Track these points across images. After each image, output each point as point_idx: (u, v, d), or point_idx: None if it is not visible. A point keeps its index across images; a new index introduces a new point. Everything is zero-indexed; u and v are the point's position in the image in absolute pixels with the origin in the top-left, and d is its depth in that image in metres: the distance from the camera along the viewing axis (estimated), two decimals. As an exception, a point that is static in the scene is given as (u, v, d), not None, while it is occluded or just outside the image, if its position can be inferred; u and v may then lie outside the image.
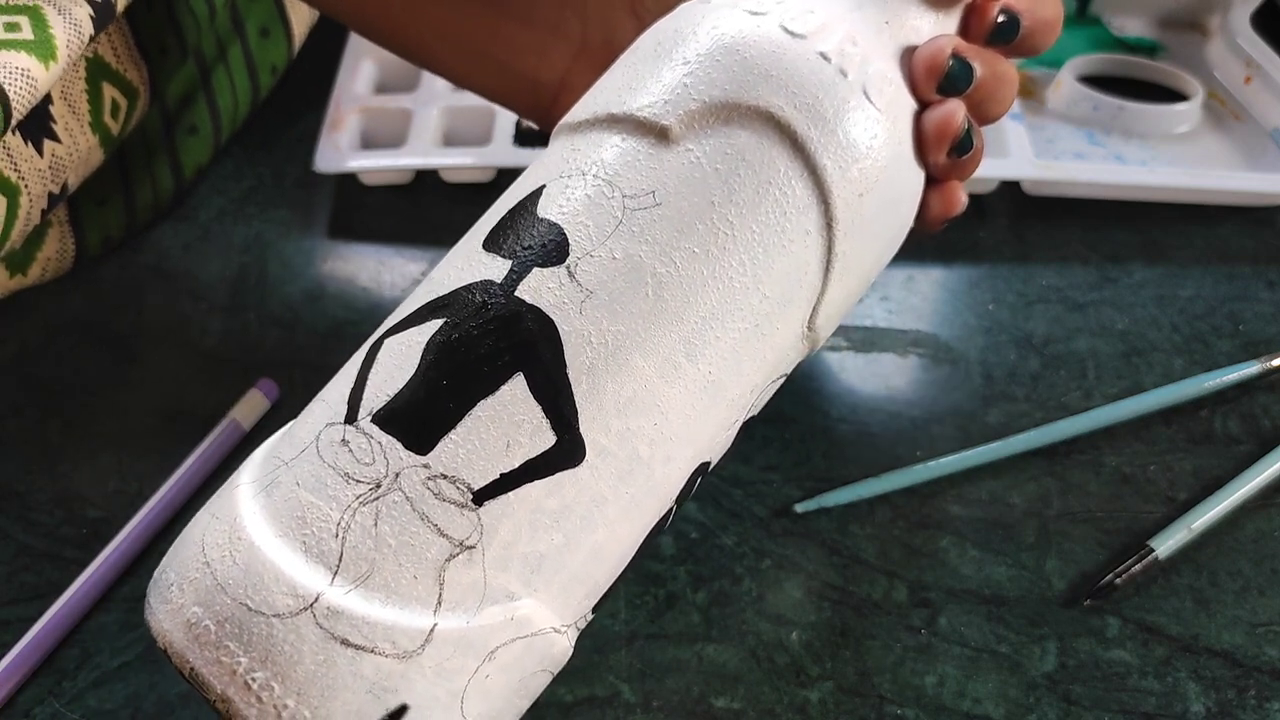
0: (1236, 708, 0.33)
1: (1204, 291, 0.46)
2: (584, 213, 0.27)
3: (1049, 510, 0.38)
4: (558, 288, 0.26)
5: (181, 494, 0.39)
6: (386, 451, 0.25)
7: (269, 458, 0.27)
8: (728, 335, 0.27)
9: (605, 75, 0.31)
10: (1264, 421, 0.41)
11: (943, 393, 0.42)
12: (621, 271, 0.26)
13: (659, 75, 0.28)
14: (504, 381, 0.26)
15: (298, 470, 0.26)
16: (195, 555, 0.25)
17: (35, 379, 0.44)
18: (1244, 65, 0.55)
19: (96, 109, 0.43)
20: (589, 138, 0.28)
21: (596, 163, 0.28)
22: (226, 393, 0.42)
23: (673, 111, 0.27)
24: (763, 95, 0.27)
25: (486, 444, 0.25)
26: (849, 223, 0.28)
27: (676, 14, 0.30)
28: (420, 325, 0.27)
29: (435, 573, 0.24)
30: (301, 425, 0.27)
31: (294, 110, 0.55)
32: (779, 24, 0.28)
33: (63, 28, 0.35)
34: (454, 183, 0.52)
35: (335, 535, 0.24)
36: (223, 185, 0.53)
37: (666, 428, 0.27)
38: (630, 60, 0.30)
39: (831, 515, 0.38)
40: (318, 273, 0.49)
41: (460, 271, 0.28)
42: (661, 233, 0.26)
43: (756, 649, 0.35)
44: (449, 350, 0.26)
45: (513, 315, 0.26)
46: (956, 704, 0.33)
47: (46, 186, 0.41)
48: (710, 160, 0.27)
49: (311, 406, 0.28)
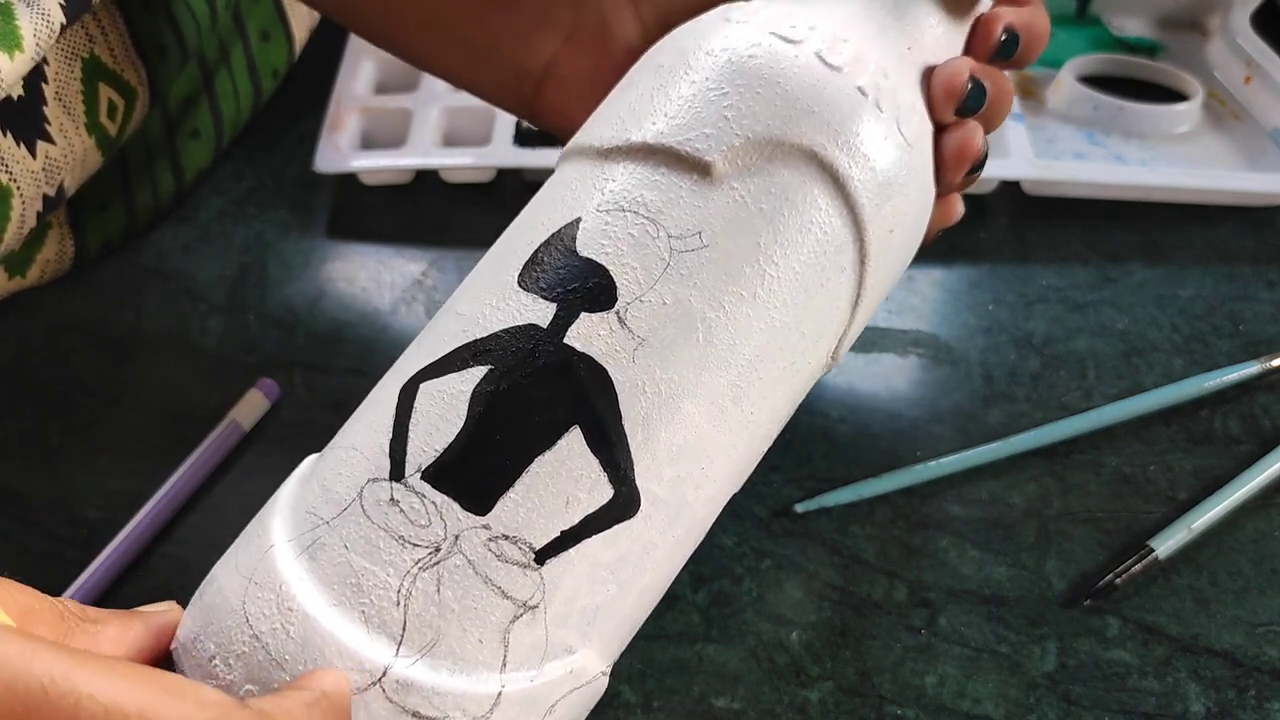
0: (1236, 708, 0.33)
1: (1204, 291, 0.46)
2: (630, 254, 0.26)
3: (1049, 510, 0.38)
4: (608, 335, 0.25)
5: (181, 494, 0.39)
6: (443, 512, 0.24)
7: (302, 513, 0.26)
8: (769, 375, 0.27)
9: (625, 88, 0.30)
10: (1264, 421, 0.41)
11: (943, 393, 0.42)
12: (672, 317, 0.26)
13: (694, 102, 0.27)
14: (560, 435, 0.25)
15: (344, 531, 0.25)
16: (238, 626, 0.24)
17: (35, 380, 0.44)
18: (1244, 65, 0.55)
19: (92, 110, 0.43)
20: (624, 168, 0.27)
21: (637, 199, 0.27)
22: (226, 393, 0.42)
23: (716, 147, 0.26)
24: (806, 133, 0.27)
25: (546, 501, 0.24)
26: (879, 258, 0.28)
27: (701, 30, 0.29)
28: (462, 372, 0.26)
29: (500, 636, 0.24)
30: (334, 477, 0.26)
31: (294, 111, 0.55)
32: (815, 53, 0.27)
33: (29, 18, 0.35)
34: (454, 183, 0.52)
35: (397, 603, 0.24)
36: (223, 186, 0.53)
37: (712, 470, 0.27)
38: (655, 77, 0.29)
39: (831, 515, 0.38)
40: (318, 273, 0.49)
41: (498, 311, 0.26)
42: (710, 276, 0.26)
43: (756, 649, 0.35)
44: (499, 401, 0.25)
45: (564, 365, 0.25)
46: (956, 704, 0.33)
47: (40, 188, 0.41)
48: (755, 199, 0.26)
49: (340, 455, 0.26)
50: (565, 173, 0.29)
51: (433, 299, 0.47)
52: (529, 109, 0.38)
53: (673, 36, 0.30)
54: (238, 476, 0.41)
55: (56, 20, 0.36)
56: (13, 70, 0.35)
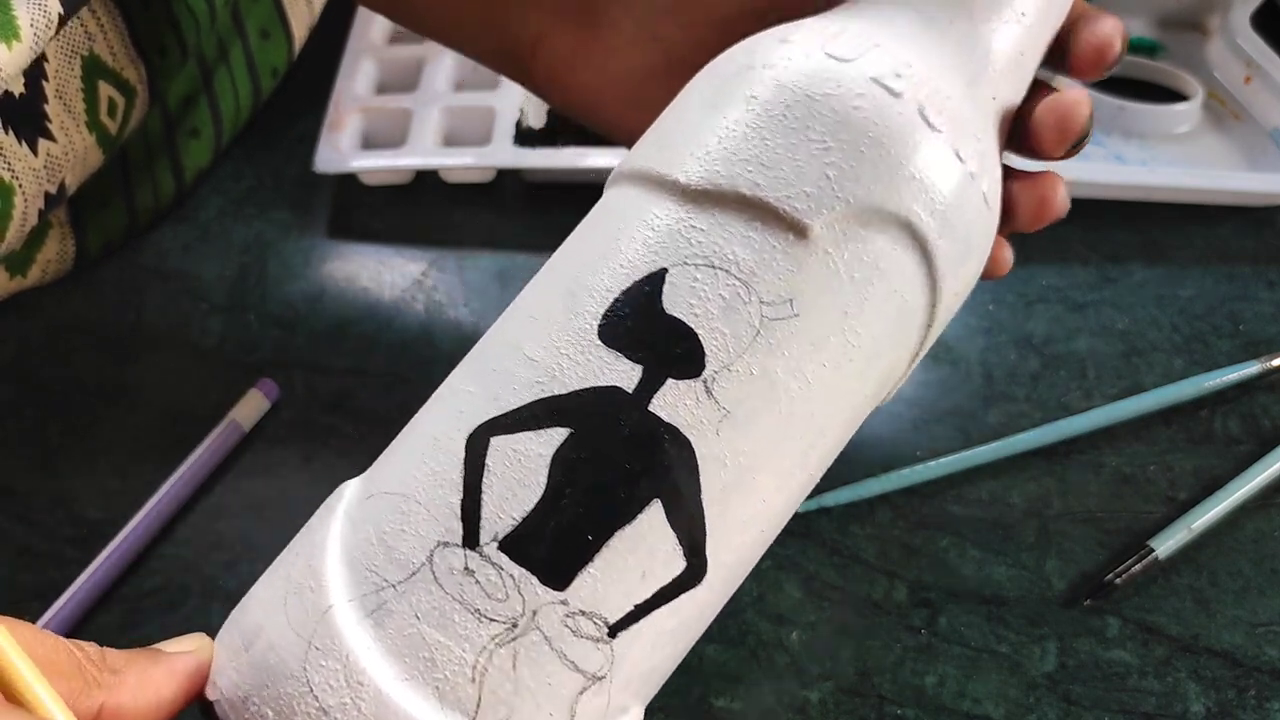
0: (1236, 708, 0.33)
1: (1204, 291, 0.46)
2: (720, 318, 0.25)
3: (1049, 510, 0.38)
4: (695, 405, 0.25)
5: (181, 494, 0.39)
6: (521, 586, 0.24)
7: (361, 570, 0.24)
8: (834, 438, 0.27)
9: (708, 109, 0.27)
10: (1264, 421, 0.41)
11: (943, 393, 0.42)
12: (758, 390, 0.25)
13: (794, 152, 0.25)
14: (642, 509, 0.24)
15: (414, 599, 0.24)
16: (302, 695, 0.23)
17: (35, 380, 0.44)
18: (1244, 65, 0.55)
19: (93, 107, 0.43)
20: (714, 217, 0.25)
21: (729, 255, 0.25)
22: (226, 393, 0.42)
23: (817, 209, 0.25)
24: (905, 201, 0.25)
25: (623, 576, 0.24)
26: (943, 318, 0.28)
27: (796, 62, 0.26)
28: (539, 432, 0.24)
29: (569, 707, 0.24)
30: (397, 534, 0.24)
31: (294, 110, 0.55)
32: (918, 109, 0.26)
33: (26, 8, 0.35)
34: (454, 183, 0.52)
35: (472, 679, 0.23)
36: (223, 185, 0.53)
37: (769, 531, 0.27)
38: (745, 108, 0.26)
39: (831, 515, 0.38)
40: (318, 273, 0.49)
41: (577, 366, 0.25)
42: (797, 347, 0.25)
43: (756, 649, 0.35)
44: (581, 471, 0.24)
45: (650, 436, 0.24)
46: (956, 704, 0.33)
47: (42, 186, 0.41)
48: (848, 267, 0.25)
49: (399, 506, 0.25)
50: (639, 201, 0.27)
51: (432, 299, 0.47)
52: (526, 78, 0.37)
53: (760, 57, 0.27)
54: (238, 476, 0.41)
55: (54, 10, 0.36)
56: (11, 61, 0.35)
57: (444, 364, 0.28)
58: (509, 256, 0.49)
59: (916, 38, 0.27)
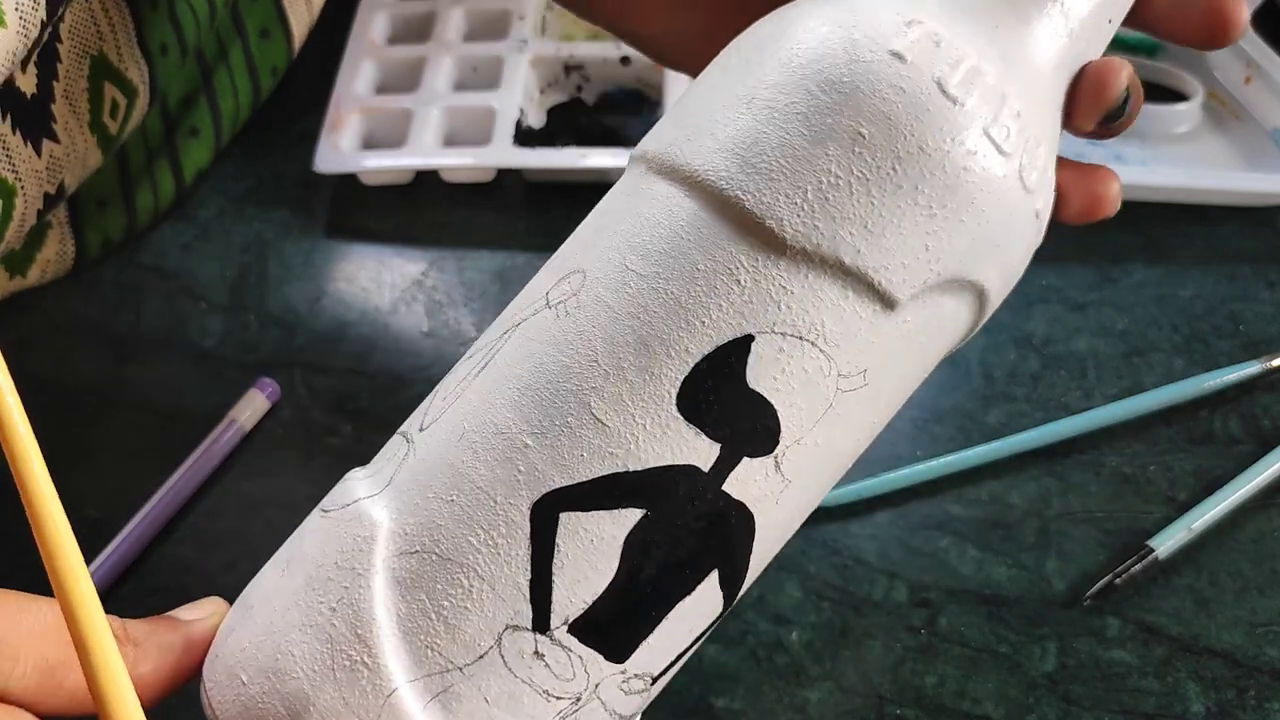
0: (1236, 708, 0.33)
1: (1204, 291, 0.46)
2: (799, 392, 0.24)
3: (1049, 510, 0.38)
4: (764, 480, 0.24)
5: (181, 494, 0.39)
6: (587, 665, 0.23)
7: (421, 648, 0.23)
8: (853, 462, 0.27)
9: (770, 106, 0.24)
10: (1264, 421, 0.41)
11: (943, 393, 0.42)
12: (822, 458, 0.25)
13: (900, 217, 0.23)
14: (702, 580, 0.24)
15: (482, 683, 0.23)
16: None
17: (35, 379, 0.44)
18: (1244, 65, 0.55)
19: (96, 108, 0.43)
20: (807, 280, 0.23)
21: (816, 325, 0.23)
22: (226, 393, 0.42)
23: (910, 282, 0.23)
24: (986, 270, 0.25)
25: (675, 638, 0.24)
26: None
27: (900, 84, 0.23)
28: (613, 511, 0.23)
29: None
30: (459, 612, 0.23)
31: (294, 110, 0.55)
32: (1018, 172, 0.24)
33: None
34: (454, 183, 0.52)
35: None
36: (223, 185, 0.53)
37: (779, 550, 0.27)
38: (849, 147, 0.23)
39: (831, 515, 0.38)
40: (318, 273, 0.49)
41: (654, 441, 0.23)
42: (860, 413, 0.25)
43: (756, 649, 0.35)
44: (653, 553, 0.23)
45: (720, 515, 0.24)
46: (956, 704, 0.33)
47: (43, 187, 0.41)
48: (919, 332, 0.25)
49: (459, 579, 0.23)
50: (720, 237, 0.24)
51: (432, 299, 0.47)
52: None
53: (869, 71, 0.23)
54: (238, 476, 0.41)
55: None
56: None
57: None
58: (509, 256, 0.49)
59: (1022, 66, 0.25)
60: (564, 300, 0.24)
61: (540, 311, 0.25)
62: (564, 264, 0.26)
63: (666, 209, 0.24)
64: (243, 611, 0.25)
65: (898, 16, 0.24)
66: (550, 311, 0.24)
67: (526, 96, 0.53)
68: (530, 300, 0.26)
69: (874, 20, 0.24)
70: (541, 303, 0.25)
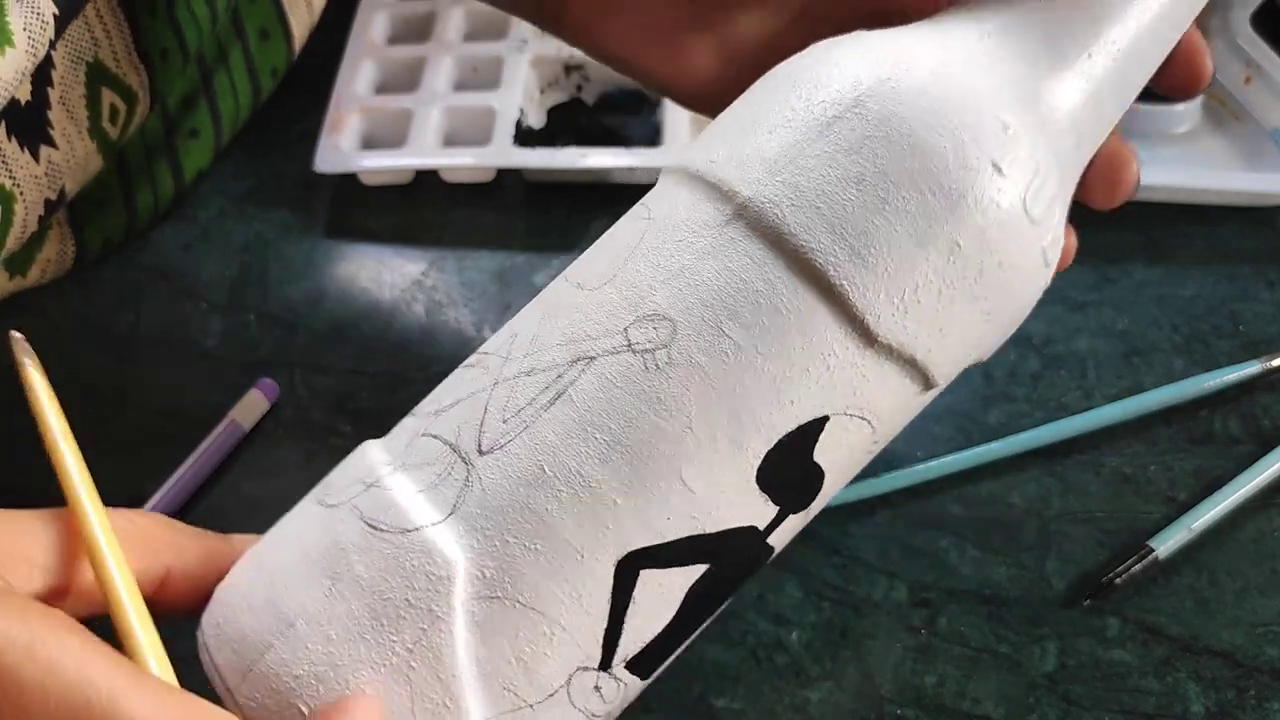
0: (1236, 708, 0.33)
1: (1204, 291, 0.46)
2: (846, 459, 0.26)
3: (1049, 510, 0.38)
4: (793, 528, 0.27)
5: (181, 494, 0.39)
6: (629, 689, 0.26)
7: (498, 688, 0.24)
8: None
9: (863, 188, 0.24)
10: (1264, 421, 0.41)
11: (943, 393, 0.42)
12: (825, 497, 0.27)
13: (968, 323, 0.25)
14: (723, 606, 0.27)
15: (547, 716, 0.24)
16: None
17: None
18: (1244, 65, 0.55)
19: (95, 114, 0.43)
20: (883, 370, 0.25)
21: (876, 408, 0.25)
22: (226, 393, 0.42)
23: (953, 373, 0.27)
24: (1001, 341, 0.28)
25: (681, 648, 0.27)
26: None
27: (997, 200, 0.24)
28: (685, 567, 0.25)
29: None
30: (538, 656, 0.24)
31: (294, 111, 0.55)
32: (1043, 249, 0.26)
33: (19, 12, 0.35)
34: (454, 183, 0.52)
35: None
36: (223, 185, 0.53)
37: None
38: (939, 257, 0.24)
39: (831, 515, 0.38)
40: (318, 273, 0.49)
41: (731, 508, 0.25)
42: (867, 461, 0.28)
43: (756, 649, 0.35)
44: (708, 599, 0.26)
45: (759, 559, 0.26)
46: (956, 704, 0.33)
47: (43, 193, 0.41)
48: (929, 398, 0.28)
49: (542, 629, 0.24)
50: (817, 320, 0.24)
51: (432, 299, 0.47)
52: (556, 25, 0.36)
53: (975, 183, 0.24)
54: (238, 476, 0.41)
55: (48, 12, 0.35)
56: (6, 65, 0.34)
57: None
58: (509, 256, 0.49)
59: (1068, 169, 0.27)
60: (651, 350, 0.24)
61: (620, 353, 0.24)
62: (635, 294, 0.25)
63: (766, 279, 0.24)
64: (279, 624, 0.24)
65: (995, 117, 0.24)
66: (635, 359, 0.24)
67: (526, 96, 0.53)
68: (598, 324, 0.25)
69: (978, 120, 0.24)
70: (621, 341, 0.24)
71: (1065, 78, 0.26)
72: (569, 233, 0.49)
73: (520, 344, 0.26)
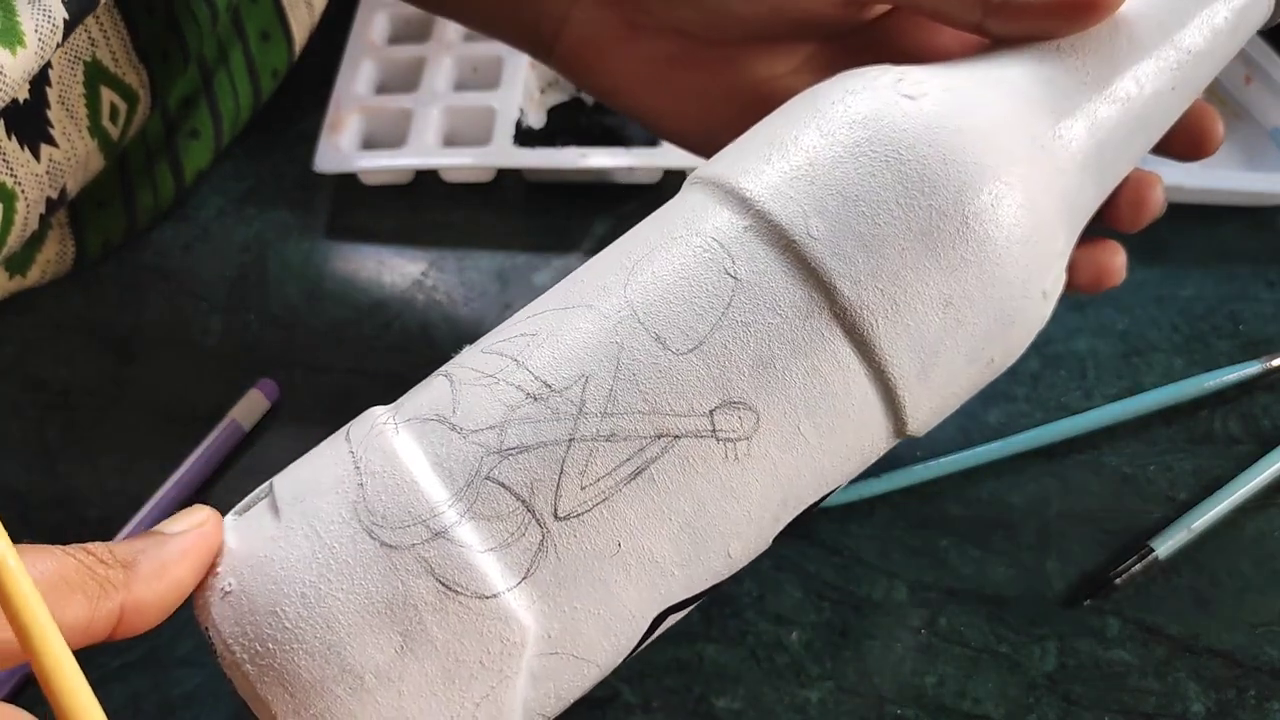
0: (1236, 708, 0.33)
1: (1204, 291, 0.46)
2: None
3: (1049, 510, 0.38)
4: None
5: (181, 494, 0.39)
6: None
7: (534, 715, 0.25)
8: None
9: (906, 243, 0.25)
10: (1264, 421, 0.41)
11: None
12: None
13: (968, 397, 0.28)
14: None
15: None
16: None
17: (35, 379, 0.44)
18: (1244, 65, 0.55)
19: (95, 113, 0.43)
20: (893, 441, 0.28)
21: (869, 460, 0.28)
22: (226, 393, 0.42)
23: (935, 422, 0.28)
24: None
25: None
26: None
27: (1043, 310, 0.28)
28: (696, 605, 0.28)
29: None
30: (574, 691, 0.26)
31: (294, 111, 0.55)
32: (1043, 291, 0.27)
33: (30, 14, 0.35)
34: (454, 183, 0.52)
35: None
36: (223, 185, 0.53)
37: None
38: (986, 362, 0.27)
39: (831, 515, 0.38)
40: (318, 273, 0.49)
41: (748, 558, 0.27)
42: None
43: (756, 649, 0.35)
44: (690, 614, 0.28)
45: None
46: (956, 704, 0.33)
47: (44, 192, 0.41)
48: None
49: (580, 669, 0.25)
50: (868, 399, 0.26)
51: (432, 299, 0.47)
52: (549, 58, 0.37)
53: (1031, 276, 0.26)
54: (238, 476, 0.41)
55: (59, 15, 0.36)
56: (16, 67, 0.35)
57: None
58: (509, 256, 0.49)
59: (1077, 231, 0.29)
60: (734, 440, 0.25)
61: (704, 437, 0.25)
62: (724, 375, 0.25)
63: (845, 384, 0.25)
64: (345, 675, 0.23)
65: (1055, 254, 0.28)
66: (718, 445, 0.25)
67: (526, 96, 0.53)
68: (683, 400, 0.25)
69: (1045, 261, 0.27)
70: (705, 425, 0.25)
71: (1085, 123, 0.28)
72: (569, 233, 0.49)
73: (595, 396, 0.25)
